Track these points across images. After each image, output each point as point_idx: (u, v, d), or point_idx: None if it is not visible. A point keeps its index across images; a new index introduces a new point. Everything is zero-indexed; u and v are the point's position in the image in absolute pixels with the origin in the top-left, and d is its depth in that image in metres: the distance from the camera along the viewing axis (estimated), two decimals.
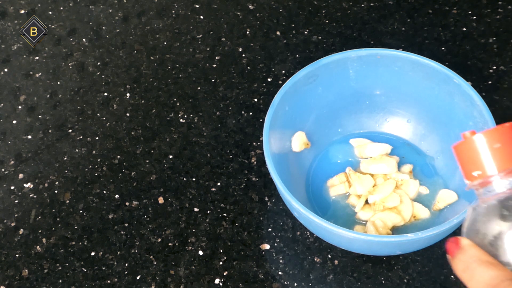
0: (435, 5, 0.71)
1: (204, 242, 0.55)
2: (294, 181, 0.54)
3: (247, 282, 0.53)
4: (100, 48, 0.70)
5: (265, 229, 0.56)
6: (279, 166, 0.52)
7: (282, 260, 0.54)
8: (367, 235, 0.47)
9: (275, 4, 0.73)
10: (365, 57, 0.56)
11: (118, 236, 0.56)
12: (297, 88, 0.55)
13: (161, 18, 0.72)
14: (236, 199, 0.57)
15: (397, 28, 0.69)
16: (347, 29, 0.70)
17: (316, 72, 0.55)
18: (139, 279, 0.53)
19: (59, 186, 0.59)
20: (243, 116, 0.63)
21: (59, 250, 0.55)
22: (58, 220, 0.57)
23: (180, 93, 0.66)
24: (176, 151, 0.61)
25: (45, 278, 0.54)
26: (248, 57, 0.68)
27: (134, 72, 0.68)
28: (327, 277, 0.53)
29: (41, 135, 0.63)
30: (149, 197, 0.58)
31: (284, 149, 0.55)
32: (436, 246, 0.48)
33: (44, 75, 0.68)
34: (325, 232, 0.49)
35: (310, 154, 0.58)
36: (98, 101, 0.65)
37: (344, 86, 0.57)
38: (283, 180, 0.49)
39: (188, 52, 0.69)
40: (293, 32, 0.70)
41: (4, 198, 0.59)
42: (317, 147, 0.58)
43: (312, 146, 0.57)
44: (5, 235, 0.56)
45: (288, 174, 0.54)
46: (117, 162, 0.61)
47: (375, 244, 0.47)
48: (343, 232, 0.46)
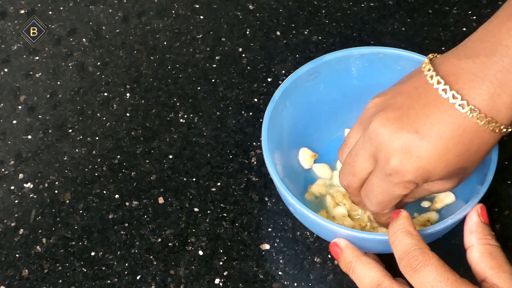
0: (435, 5, 0.71)
1: (204, 242, 0.55)
2: (293, 179, 0.54)
3: (247, 282, 0.53)
4: (100, 48, 0.70)
5: (265, 229, 0.56)
6: (278, 163, 0.52)
7: (282, 260, 0.54)
8: (361, 233, 0.47)
9: (275, 4, 0.73)
10: (367, 55, 0.56)
11: (118, 236, 0.56)
12: (299, 84, 0.55)
13: (161, 18, 0.72)
14: (236, 199, 0.57)
15: (397, 28, 0.69)
16: (347, 29, 0.70)
17: (318, 69, 0.55)
18: (139, 279, 0.53)
19: (59, 186, 0.59)
20: (243, 116, 0.63)
21: (59, 250, 0.55)
22: (58, 220, 0.57)
23: (180, 93, 0.66)
24: (176, 151, 0.61)
25: (45, 278, 0.54)
26: (248, 57, 0.68)
27: (134, 72, 0.68)
28: (327, 277, 0.53)
29: (41, 135, 0.63)
30: (149, 197, 0.58)
31: (284, 147, 0.55)
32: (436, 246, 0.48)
33: (44, 75, 0.68)
34: (319, 228, 0.49)
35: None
36: (98, 101, 0.65)
37: (346, 83, 0.57)
38: (281, 177, 0.49)
39: (188, 52, 0.69)
40: (293, 32, 0.70)
41: (4, 198, 0.59)
42: (318, 144, 0.58)
43: (313, 144, 0.57)
44: (5, 235, 0.56)
45: (287, 172, 0.54)
46: (117, 162, 0.61)
47: (370, 241, 0.47)
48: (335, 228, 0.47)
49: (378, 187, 0.47)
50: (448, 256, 0.44)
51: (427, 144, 0.43)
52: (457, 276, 0.42)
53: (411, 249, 0.43)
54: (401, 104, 0.45)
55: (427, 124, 0.43)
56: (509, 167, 0.58)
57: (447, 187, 0.47)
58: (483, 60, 0.42)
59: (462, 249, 0.46)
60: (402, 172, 0.44)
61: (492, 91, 0.42)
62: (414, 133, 0.43)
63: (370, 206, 0.49)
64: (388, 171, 0.45)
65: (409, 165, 0.44)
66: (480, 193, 0.48)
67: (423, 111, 0.44)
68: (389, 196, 0.47)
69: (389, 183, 0.46)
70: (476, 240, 0.45)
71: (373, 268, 0.45)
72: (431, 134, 0.43)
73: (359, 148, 0.47)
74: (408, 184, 0.45)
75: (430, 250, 0.43)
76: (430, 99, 0.44)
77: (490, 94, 0.42)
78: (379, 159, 0.45)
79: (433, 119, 0.43)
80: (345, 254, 0.47)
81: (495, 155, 0.49)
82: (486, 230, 0.46)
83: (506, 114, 0.43)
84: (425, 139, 0.43)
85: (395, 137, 0.44)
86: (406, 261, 0.43)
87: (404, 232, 0.44)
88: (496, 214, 0.55)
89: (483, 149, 0.44)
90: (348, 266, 0.47)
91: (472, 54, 0.43)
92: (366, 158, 0.47)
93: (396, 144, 0.44)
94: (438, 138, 0.43)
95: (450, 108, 0.43)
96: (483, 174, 0.49)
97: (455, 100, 0.42)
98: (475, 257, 0.45)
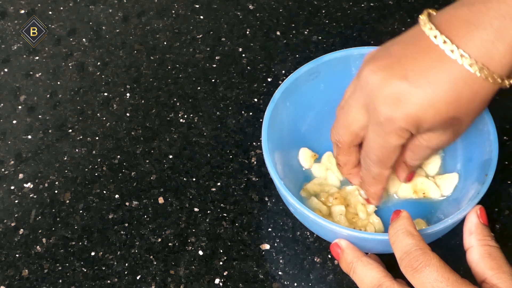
0: (435, 5, 0.71)
1: (204, 242, 0.55)
2: (293, 179, 0.54)
3: (247, 282, 0.53)
4: (100, 48, 0.70)
5: (265, 229, 0.56)
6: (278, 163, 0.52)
7: (282, 260, 0.54)
8: (362, 233, 0.47)
9: (275, 4, 0.73)
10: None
11: (118, 236, 0.56)
12: (299, 84, 0.55)
13: (161, 18, 0.72)
14: (236, 199, 0.57)
15: (397, 28, 0.69)
16: (347, 29, 0.70)
17: (318, 69, 0.55)
18: (139, 279, 0.53)
19: (59, 186, 0.59)
20: (243, 116, 0.63)
21: (59, 250, 0.55)
22: (58, 220, 0.57)
23: (180, 93, 0.66)
24: (176, 151, 0.61)
25: (45, 278, 0.54)
26: (248, 57, 0.68)
27: (134, 72, 0.68)
28: (327, 277, 0.53)
29: (41, 135, 0.63)
30: (149, 197, 0.58)
31: (284, 147, 0.55)
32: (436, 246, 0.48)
33: (44, 75, 0.68)
34: (319, 228, 0.49)
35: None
36: (98, 101, 0.65)
37: (346, 83, 0.57)
38: (281, 177, 0.49)
39: (188, 52, 0.69)
40: (293, 32, 0.70)
41: (4, 198, 0.59)
42: (318, 144, 0.58)
43: (313, 143, 0.57)
44: (5, 235, 0.56)
45: (287, 172, 0.54)
46: (117, 162, 0.61)
47: (370, 241, 0.47)
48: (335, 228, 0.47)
49: (374, 141, 0.46)
50: (448, 256, 0.44)
51: (416, 91, 0.43)
52: (458, 276, 0.42)
53: (412, 249, 0.43)
54: (394, 53, 0.45)
55: (418, 71, 0.43)
56: (509, 167, 0.58)
57: (443, 139, 0.46)
58: (478, 7, 0.42)
59: (462, 249, 0.46)
60: (392, 119, 0.44)
61: (486, 38, 0.41)
62: (404, 80, 0.43)
63: (370, 168, 0.48)
64: (379, 120, 0.44)
65: (399, 112, 0.43)
66: (480, 193, 0.47)
67: (415, 58, 0.43)
68: (386, 149, 0.46)
69: (383, 134, 0.45)
70: (476, 241, 0.45)
71: (374, 269, 0.45)
72: (421, 80, 0.43)
73: (351, 99, 0.47)
74: (401, 131, 0.45)
75: (431, 250, 0.43)
76: (423, 46, 0.43)
77: (484, 41, 0.41)
78: (370, 109, 0.45)
79: (424, 65, 0.43)
80: (346, 254, 0.47)
81: (495, 155, 0.49)
82: (486, 231, 0.46)
83: (499, 62, 0.42)
84: (414, 86, 0.43)
85: (385, 84, 0.44)
86: (407, 262, 0.43)
87: (405, 232, 0.44)
88: (496, 214, 0.55)
89: (477, 99, 0.43)
90: (349, 266, 0.47)
91: (469, 2, 0.43)
92: (358, 109, 0.46)
93: (386, 92, 0.44)
94: (428, 85, 0.42)
95: (441, 54, 0.42)
96: (483, 174, 0.49)
97: (446, 46, 0.42)
98: (475, 258, 0.45)
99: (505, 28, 0.41)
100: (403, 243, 0.44)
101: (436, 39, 0.42)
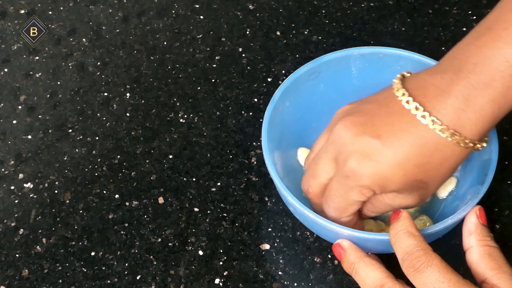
0: (435, 5, 0.72)
1: (204, 242, 0.55)
2: (293, 179, 0.54)
3: (247, 282, 0.53)
4: (100, 48, 0.70)
5: (265, 229, 0.56)
6: (278, 163, 0.52)
7: (282, 260, 0.54)
8: (362, 233, 0.47)
9: (275, 4, 0.73)
10: (367, 55, 0.56)
11: (118, 236, 0.56)
12: (299, 84, 0.55)
13: (161, 18, 0.72)
14: (236, 199, 0.57)
15: (397, 28, 0.69)
16: (347, 29, 0.70)
17: (318, 69, 0.55)
18: (139, 279, 0.53)
19: (59, 186, 0.59)
20: (243, 116, 0.63)
21: (59, 250, 0.55)
22: (58, 220, 0.57)
23: (180, 93, 0.66)
24: (176, 151, 0.61)
25: (45, 278, 0.54)
26: (248, 57, 0.68)
27: (134, 72, 0.68)
28: (327, 277, 0.53)
29: (41, 135, 0.63)
30: (149, 197, 0.58)
31: (284, 147, 0.55)
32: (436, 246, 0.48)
33: (44, 75, 0.68)
34: (320, 228, 0.49)
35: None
36: (98, 101, 0.66)
37: (346, 83, 0.57)
38: (281, 177, 0.49)
39: (188, 52, 0.69)
40: (293, 32, 0.70)
41: (4, 198, 0.59)
42: None
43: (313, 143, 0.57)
44: (5, 235, 0.57)
45: (287, 171, 0.54)
46: (117, 162, 0.61)
47: (371, 242, 0.47)
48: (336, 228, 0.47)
49: (335, 190, 0.47)
50: (448, 256, 0.44)
51: (387, 150, 0.44)
52: (460, 277, 0.42)
53: (413, 250, 0.43)
54: (367, 111, 0.46)
55: (390, 132, 0.44)
56: (509, 167, 0.58)
57: (408, 202, 0.47)
58: (450, 76, 0.43)
59: (462, 249, 0.46)
60: (358, 174, 0.44)
61: (457, 105, 0.42)
62: (376, 138, 0.44)
63: (328, 211, 0.49)
64: (345, 173, 0.45)
65: (366, 169, 0.44)
66: (480, 193, 0.47)
67: (388, 119, 0.44)
68: (345, 201, 0.47)
69: (346, 187, 0.46)
70: (475, 242, 0.45)
71: (376, 269, 0.45)
72: (393, 141, 0.44)
73: (322, 151, 0.48)
74: (364, 189, 0.45)
75: (433, 250, 0.43)
76: (396, 108, 0.44)
77: (455, 108, 0.43)
78: (338, 162, 0.46)
79: (396, 127, 0.44)
80: (348, 255, 0.47)
81: (495, 155, 0.49)
82: (485, 231, 0.46)
83: (470, 130, 0.43)
84: (386, 145, 0.44)
85: (356, 139, 0.44)
86: (408, 262, 0.43)
87: (406, 233, 0.44)
88: (496, 214, 0.55)
89: (446, 164, 0.45)
90: (351, 267, 0.47)
91: (442, 71, 0.44)
92: (328, 162, 0.47)
93: (356, 147, 0.44)
94: (400, 146, 0.43)
95: (412, 119, 0.43)
96: (482, 174, 0.49)
97: (418, 112, 0.43)
98: (475, 259, 0.45)
99: (474, 97, 0.42)
100: (405, 244, 0.44)
101: (409, 105, 0.44)
